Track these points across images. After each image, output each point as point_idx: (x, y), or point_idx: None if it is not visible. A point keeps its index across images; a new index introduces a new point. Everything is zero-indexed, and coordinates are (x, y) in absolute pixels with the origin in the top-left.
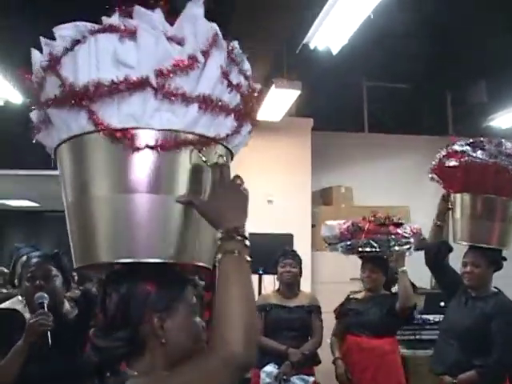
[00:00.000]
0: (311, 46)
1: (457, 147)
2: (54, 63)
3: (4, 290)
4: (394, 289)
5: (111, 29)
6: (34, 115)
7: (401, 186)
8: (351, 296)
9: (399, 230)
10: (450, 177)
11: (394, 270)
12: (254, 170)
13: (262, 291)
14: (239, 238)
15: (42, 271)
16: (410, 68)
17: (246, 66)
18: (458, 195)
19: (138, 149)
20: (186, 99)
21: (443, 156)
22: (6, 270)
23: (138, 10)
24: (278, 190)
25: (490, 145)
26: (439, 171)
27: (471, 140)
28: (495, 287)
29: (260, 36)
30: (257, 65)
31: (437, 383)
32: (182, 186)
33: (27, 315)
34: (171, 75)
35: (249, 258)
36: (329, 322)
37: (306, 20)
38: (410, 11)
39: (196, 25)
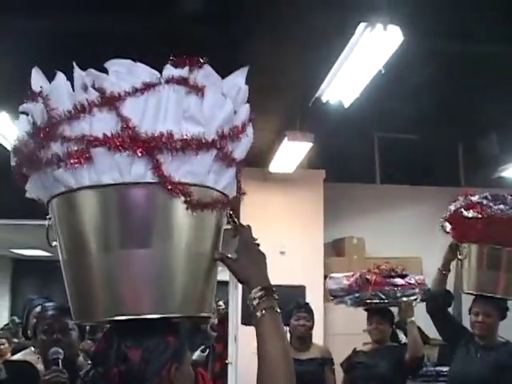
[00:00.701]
0: (323, 100)
1: (475, 199)
2: (112, 100)
3: (15, 340)
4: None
5: (182, 82)
6: (33, 153)
7: (413, 236)
8: (358, 349)
9: (405, 281)
10: (466, 228)
11: (403, 320)
12: (267, 220)
13: None
14: (274, 295)
15: (58, 324)
16: (421, 119)
17: None
18: (466, 245)
19: (193, 205)
20: (233, 163)
21: (461, 207)
22: (17, 320)
23: (207, 68)
24: (290, 241)
25: (510, 199)
26: (454, 221)
27: (490, 193)
28: (500, 336)
29: (274, 90)
30: (270, 118)
31: None
32: (200, 241)
33: (40, 366)
34: (230, 139)
35: (278, 312)
36: (342, 374)
37: (318, 74)
38: (420, 64)
39: (239, 97)
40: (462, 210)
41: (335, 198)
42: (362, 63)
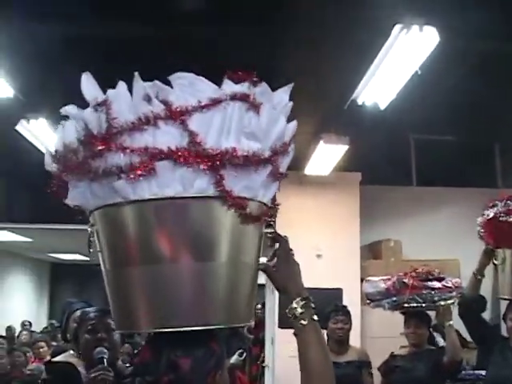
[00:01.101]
0: (359, 102)
1: None
2: (179, 113)
3: (54, 343)
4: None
5: (245, 98)
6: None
7: (450, 238)
8: (396, 353)
9: (442, 284)
10: (505, 233)
11: (441, 324)
12: (303, 224)
13: None
14: (312, 304)
15: (102, 324)
16: (457, 120)
17: None
18: (501, 250)
19: (246, 218)
20: (281, 177)
21: (498, 212)
22: (56, 324)
23: (264, 85)
24: (326, 244)
25: None
26: (492, 226)
27: None
28: None
29: (309, 92)
30: (305, 120)
31: None
32: (248, 252)
33: (81, 369)
34: (281, 155)
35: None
36: (380, 377)
37: (354, 76)
38: (456, 64)
39: (285, 112)
40: (501, 215)
41: (371, 201)
42: (397, 65)
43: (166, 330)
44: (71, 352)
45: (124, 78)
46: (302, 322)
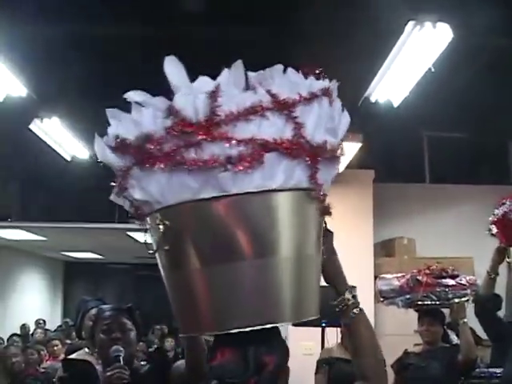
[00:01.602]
0: (372, 99)
1: None
2: (286, 105)
3: (68, 341)
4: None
5: (328, 94)
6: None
7: (464, 236)
8: (409, 350)
9: (456, 282)
10: None
11: (455, 321)
12: None
13: (325, 344)
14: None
15: (117, 324)
16: (470, 117)
17: None
18: None
19: (325, 211)
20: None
21: (508, 210)
22: (70, 322)
23: (333, 82)
24: (339, 241)
25: None
26: (502, 225)
27: None
28: None
29: None
30: None
31: None
32: (318, 245)
33: (98, 367)
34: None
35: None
36: (393, 374)
37: (367, 74)
38: (470, 62)
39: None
40: (510, 213)
41: (385, 198)
42: (411, 62)
43: (255, 327)
44: (86, 350)
45: (143, 75)
46: (355, 311)
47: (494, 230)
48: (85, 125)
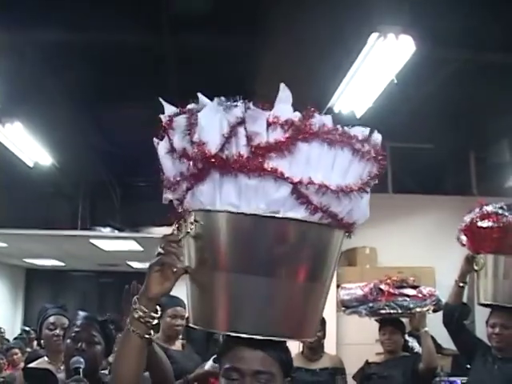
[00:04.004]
0: (335, 110)
1: (490, 208)
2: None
3: (28, 349)
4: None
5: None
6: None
7: (425, 246)
8: (370, 360)
9: (417, 292)
10: (482, 238)
11: (417, 330)
12: None
13: None
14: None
15: (85, 334)
16: (433, 128)
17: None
18: (483, 256)
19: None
20: None
21: (475, 217)
22: (28, 329)
23: None
24: None
25: None
26: (470, 232)
27: (505, 203)
28: None
29: None
30: None
31: None
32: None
33: (60, 375)
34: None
35: (136, 333)
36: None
37: (330, 84)
38: (432, 73)
39: None
40: (477, 220)
41: None
42: (374, 73)
43: (240, 334)
44: (46, 359)
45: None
46: None
47: (463, 238)
48: (47, 130)
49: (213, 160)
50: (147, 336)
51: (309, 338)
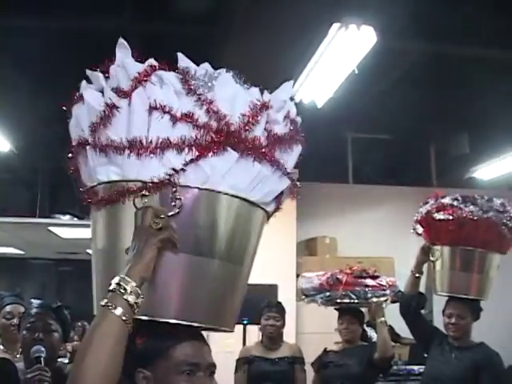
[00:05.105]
0: (297, 99)
1: (446, 201)
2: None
3: None
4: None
5: (79, 98)
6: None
7: (385, 236)
8: (328, 349)
9: (376, 282)
10: (438, 230)
11: (374, 320)
12: None
13: (247, 342)
14: (112, 288)
15: (41, 323)
16: (394, 120)
17: (219, 90)
18: (439, 247)
19: (97, 204)
20: (117, 148)
21: (432, 209)
22: None
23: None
24: (262, 240)
25: (481, 200)
26: (426, 223)
27: (461, 195)
28: None
29: None
30: None
31: None
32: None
33: (17, 365)
34: (99, 128)
35: (116, 312)
36: (313, 373)
37: (291, 74)
38: (394, 65)
39: (124, 67)
40: (433, 212)
41: (308, 197)
42: (335, 63)
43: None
44: (1, 347)
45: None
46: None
47: (419, 228)
48: (5, 116)
49: (235, 138)
50: (130, 324)
51: (228, 327)
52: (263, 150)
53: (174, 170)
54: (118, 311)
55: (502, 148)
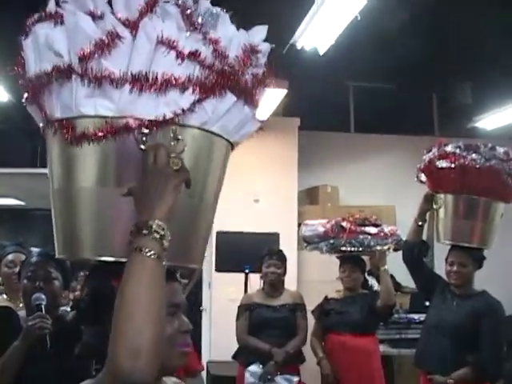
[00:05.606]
0: (298, 46)
1: (449, 149)
2: (20, 58)
3: None
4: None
5: (48, 17)
6: None
7: (386, 185)
8: (329, 296)
9: (378, 230)
10: (440, 178)
11: (376, 268)
12: (241, 169)
13: (249, 289)
14: (145, 232)
15: (42, 272)
16: (396, 68)
17: (220, 30)
18: (443, 195)
19: (77, 140)
20: (115, 81)
21: (434, 157)
22: None
23: None
24: (264, 189)
25: (484, 148)
26: (428, 171)
27: (463, 143)
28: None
29: None
30: None
31: (421, 380)
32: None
33: (20, 313)
34: (93, 57)
35: (154, 257)
36: (314, 320)
37: (293, 20)
38: (396, 12)
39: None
40: (436, 160)
41: (309, 147)
42: (337, 9)
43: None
44: (5, 296)
45: None
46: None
47: (422, 176)
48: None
49: (234, 81)
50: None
51: (196, 264)
52: (252, 94)
53: (182, 109)
54: (157, 256)
55: (505, 98)
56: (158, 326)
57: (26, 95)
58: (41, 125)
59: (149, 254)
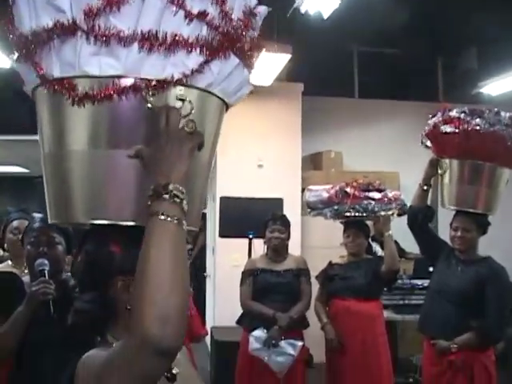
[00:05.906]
0: (302, 10)
1: (453, 113)
2: (7, 14)
3: None
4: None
5: None
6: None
7: (390, 151)
8: (333, 262)
9: (382, 196)
10: (445, 143)
11: (380, 234)
12: (244, 134)
13: (253, 255)
14: (166, 196)
15: (45, 237)
16: (400, 33)
17: None
18: (448, 161)
19: (79, 99)
20: (123, 39)
21: (439, 122)
22: None
23: None
24: (268, 154)
25: (488, 113)
26: (433, 136)
27: (468, 108)
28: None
29: None
30: None
31: (425, 345)
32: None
33: (24, 279)
34: (101, 14)
35: (175, 221)
36: (318, 286)
37: None
38: None
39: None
40: (440, 124)
41: (313, 112)
42: None
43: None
44: (10, 262)
45: None
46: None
47: (427, 141)
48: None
49: (237, 43)
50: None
51: (193, 226)
52: (251, 57)
53: (191, 70)
54: (178, 220)
55: (511, 64)
56: (185, 292)
57: (17, 53)
58: (30, 86)
59: (170, 219)
